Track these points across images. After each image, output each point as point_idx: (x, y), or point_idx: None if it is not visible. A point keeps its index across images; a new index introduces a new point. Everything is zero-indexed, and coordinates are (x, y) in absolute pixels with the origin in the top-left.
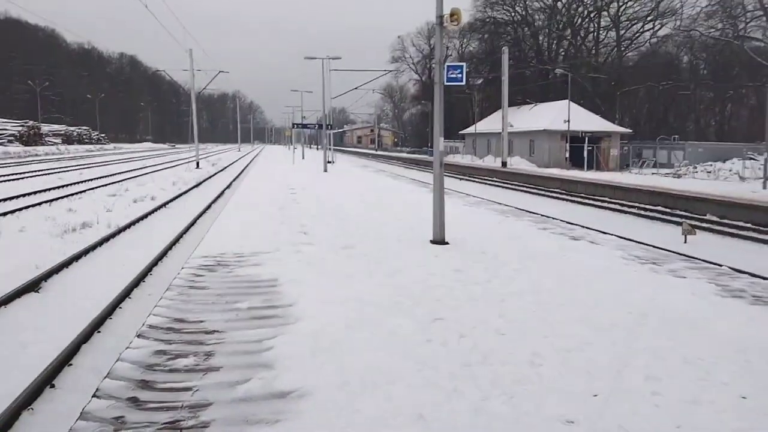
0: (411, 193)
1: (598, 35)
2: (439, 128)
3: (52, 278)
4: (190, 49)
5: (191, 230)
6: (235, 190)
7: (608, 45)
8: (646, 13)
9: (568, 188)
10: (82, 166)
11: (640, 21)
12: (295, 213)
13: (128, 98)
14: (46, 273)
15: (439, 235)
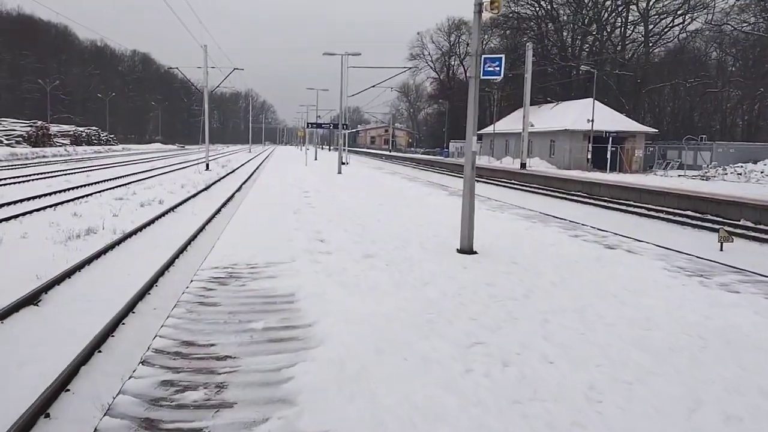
0: (430, 197)
1: (625, 30)
2: (473, 127)
3: (53, 290)
4: (205, 46)
5: (201, 236)
6: (246, 193)
7: (636, 41)
8: (677, 6)
9: (591, 191)
10: (89, 168)
11: (670, 15)
12: (311, 218)
13: (139, 97)
14: (46, 284)
15: (468, 244)
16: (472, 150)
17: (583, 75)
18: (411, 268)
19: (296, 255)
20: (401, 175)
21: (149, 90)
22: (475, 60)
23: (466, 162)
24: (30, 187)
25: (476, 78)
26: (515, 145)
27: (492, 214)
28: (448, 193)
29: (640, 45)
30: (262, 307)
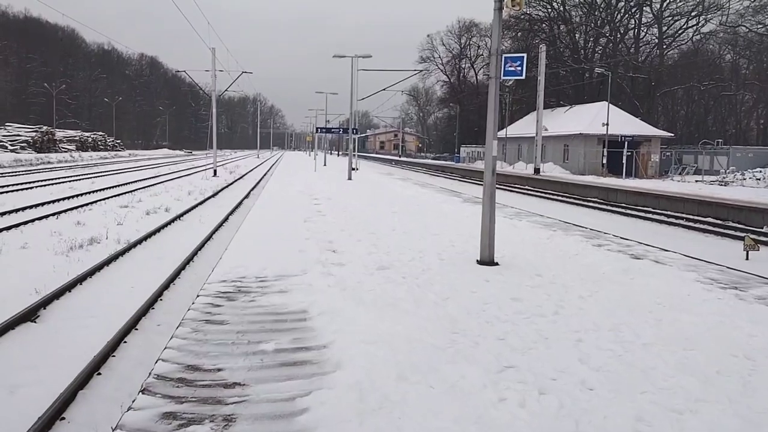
0: (444, 204)
1: (638, 32)
2: (494, 130)
3: (51, 305)
4: (213, 48)
5: (208, 245)
6: (254, 201)
7: (649, 43)
8: (691, 8)
9: (608, 197)
10: (94, 175)
11: (683, 17)
12: (322, 227)
13: (146, 102)
14: (45, 299)
15: (488, 255)
16: (492, 155)
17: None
18: (430, 282)
19: (308, 267)
20: (413, 181)
21: (156, 94)
22: (495, 59)
23: (486, 167)
24: (33, 194)
25: (496, 78)
26: (528, 150)
27: (510, 222)
28: (462, 200)
29: (653, 47)
30: (272, 326)
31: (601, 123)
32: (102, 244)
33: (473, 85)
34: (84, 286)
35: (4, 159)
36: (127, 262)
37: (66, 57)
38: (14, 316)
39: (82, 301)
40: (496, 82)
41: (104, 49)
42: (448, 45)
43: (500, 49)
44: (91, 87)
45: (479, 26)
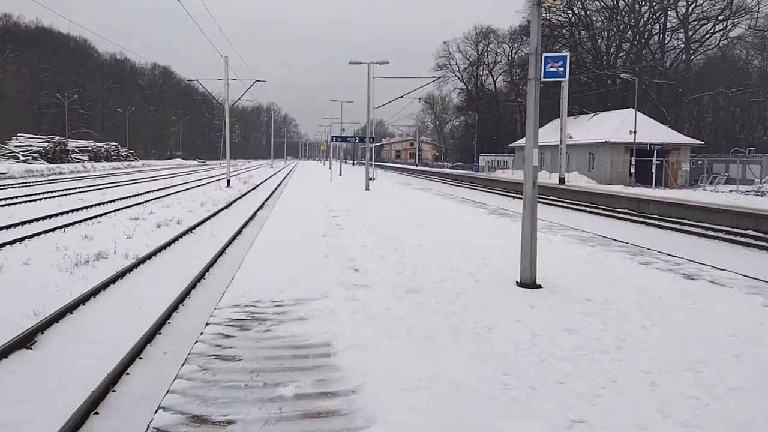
0: (469, 216)
1: (663, 37)
2: (534, 137)
3: (50, 329)
4: (226, 57)
5: (220, 261)
6: (269, 212)
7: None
8: (718, 12)
9: (638, 208)
10: (106, 186)
11: (710, 21)
12: (341, 242)
13: (159, 111)
14: (43, 322)
15: (530, 276)
16: (533, 164)
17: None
18: (467, 307)
19: (329, 289)
20: (433, 191)
21: (170, 104)
22: (535, 59)
23: (525, 179)
24: (41, 206)
25: (536, 80)
26: (551, 159)
27: (544, 237)
28: (488, 211)
29: (679, 52)
30: (292, 363)
31: (628, 131)
32: (109, 260)
33: (491, 92)
34: (87, 307)
35: (15, 170)
36: (134, 280)
37: (78, 67)
38: (8, 343)
39: (84, 324)
40: (536, 84)
41: (116, 59)
42: (464, 52)
43: (539, 48)
44: (103, 97)
45: (497, 32)
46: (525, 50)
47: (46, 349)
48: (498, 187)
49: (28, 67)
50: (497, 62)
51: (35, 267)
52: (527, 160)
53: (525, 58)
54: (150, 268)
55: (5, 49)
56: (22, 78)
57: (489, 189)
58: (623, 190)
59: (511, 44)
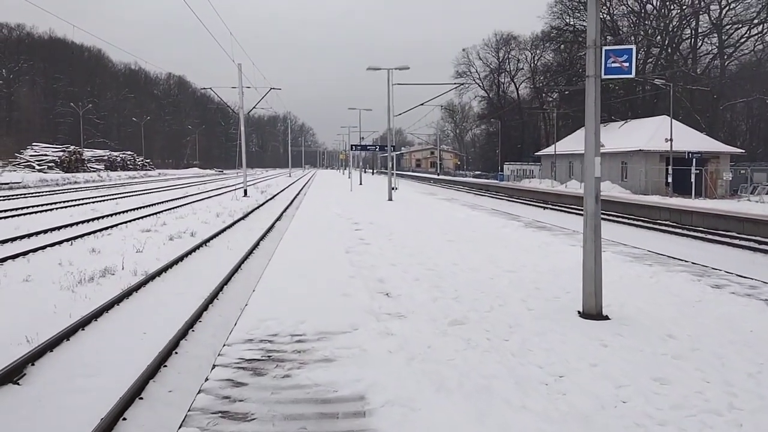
0: (504, 230)
1: (694, 42)
2: (595, 144)
3: (42, 359)
4: (239, 64)
5: (235, 279)
6: (288, 224)
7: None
8: (753, 15)
9: (680, 220)
10: (120, 195)
11: (745, 25)
12: (367, 259)
13: (175, 121)
14: (35, 351)
15: (594, 306)
16: (595, 175)
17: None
18: (526, 346)
19: (358, 319)
20: (459, 201)
21: (185, 113)
22: (595, 53)
23: (586, 192)
24: (50, 217)
25: (596, 77)
26: (581, 168)
27: None
28: (523, 224)
29: (712, 58)
30: (318, 426)
31: (663, 138)
32: (116, 276)
33: (514, 100)
34: (87, 333)
35: (29, 179)
36: (141, 300)
37: (93, 77)
38: None
39: (82, 353)
40: (596, 81)
41: (131, 69)
42: (485, 59)
43: (599, 40)
44: (119, 106)
45: (518, 39)
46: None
47: (35, 384)
48: (526, 196)
49: (42, 77)
50: (519, 69)
51: (35, 284)
52: (588, 170)
53: (548, 64)
54: (159, 286)
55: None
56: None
57: (517, 199)
58: (661, 201)
59: (533, 51)
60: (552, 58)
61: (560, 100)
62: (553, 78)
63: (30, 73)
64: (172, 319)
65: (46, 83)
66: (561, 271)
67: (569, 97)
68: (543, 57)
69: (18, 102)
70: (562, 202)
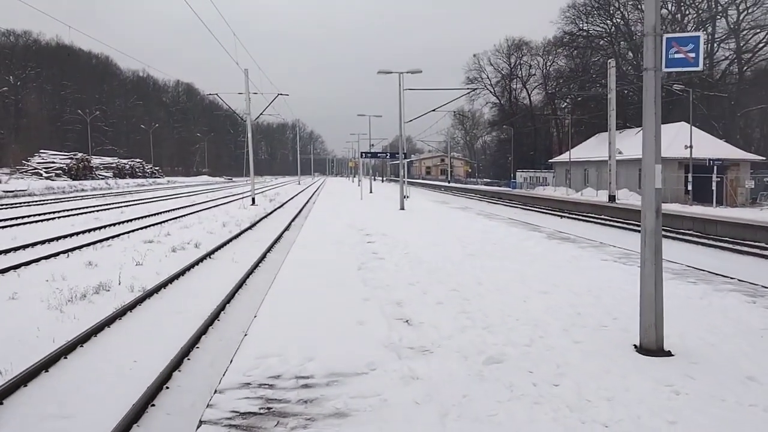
0: (527, 242)
1: (711, 47)
2: (656, 147)
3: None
4: (246, 70)
5: (239, 297)
6: (296, 234)
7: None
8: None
9: (705, 229)
10: (126, 203)
11: (764, 30)
12: (382, 278)
13: (184, 128)
14: (7, 386)
15: (655, 340)
16: (655, 186)
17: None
18: (582, 396)
19: (375, 356)
20: (474, 210)
21: (194, 121)
22: (654, 42)
23: (645, 205)
24: (50, 226)
25: (655, 70)
26: (596, 175)
27: (627, 269)
28: (545, 235)
29: (729, 63)
30: None
31: (682, 145)
32: (111, 293)
33: (526, 106)
34: (69, 362)
35: (35, 186)
36: (135, 320)
37: (101, 84)
38: None
39: (59, 387)
40: (656, 75)
41: (139, 76)
42: (496, 65)
43: (659, 26)
44: (127, 114)
45: (529, 45)
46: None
47: (6, 427)
48: (541, 204)
49: (50, 84)
50: (531, 75)
51: (21, 303)
52: (647, 180)
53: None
54: (156, 304)
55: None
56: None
57: (533, 207)
58: (682, 209)
59: (545, 56)
60: (565, 63)
61: (573, 106)
62: (566, 84)
63: (37, 80)
64: (167, 345)
65: (53, 90)
66: (600, 292)
67: (582, 104)
68: (555, 62)
69: (26, 109)
70: (579, 211)
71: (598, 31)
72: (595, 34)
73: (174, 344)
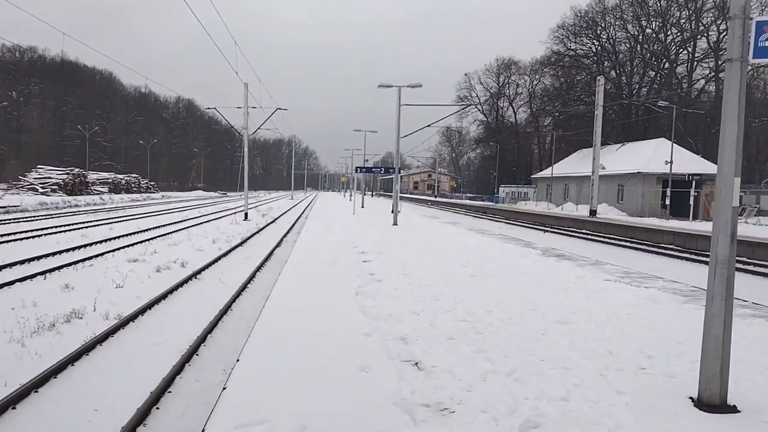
0: (524, 260)
1: (691, 66)
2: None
3: None
4: (246, 84)
5: (223, 326)
6: (288, 252)
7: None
8: None
9: (685, 244)
10: (117, 219)
11: None
12: (383, 305)
13: (182, 144)
14: None
15: (719, 392)
16: (732, 204)
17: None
18: None
19: (384, 423)
20: (464, 225)
21: (193, 137)
22: (743, 26)
23: (718, 228)
24: (33, 244)
25: (742, 61)
26: (576, 190)
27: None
28: (540, 252)
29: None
30: None
31: (662, 161)
32: (83, 321)
33: (510, 124)
34: (18, 412)
35: (28, 202)
36: (105, 355)
37: (102, 99)
38: None
39: None
40: (741, 66)
41: (141, 92)
42: (485, 84)
43: (749, 8)
44: (127, 129)
45: (518, 64)
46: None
47: None
48: (525, 219)
49: (53, 99)
50: (518, 93)
51: None
52: (723, 196)
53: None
54: (131, 335)
55: (30, 82)
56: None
57: (516, 221)
58: (661, 224)
59: (532, 75)
60: (550, 82)
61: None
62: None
63: (40, 96)
64: (137, 388)
65: (56, 106)
66: (619, 321)
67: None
68: (542, 81)
69: (27, 125)
70: (561, 225)
71: (585, 51)
72: (581, 53)
73: (144, 387)
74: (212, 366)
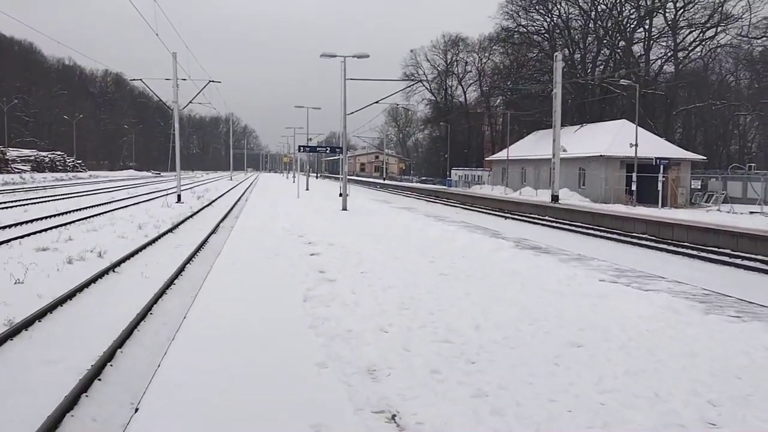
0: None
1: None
2: None
3: None
4: (174, 53)
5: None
6: (224, 237)
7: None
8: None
9: (659, 233)
10: (35, 200)
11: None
12: (339, 315)
13: (111, 120)
14: None
15: None
16: None
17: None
18: None
19: None
20: (419, 211)
21: (122, 113)
22: None
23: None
24: None
25: None
26: (535, 174)
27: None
28: (513, 244)
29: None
30: None
31: (626, 143)
32: None
33: (461, 104)
34: None
35: None
36: None
37: (22, 72)
38: None
39: None
40: None
41: (65, 65)
42: (432, 61)
43: None
44: (50, 104)
45: (466, 41)
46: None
47: None
48: (482, 204)
49: None
50: (467, 72)
51: None
52: None
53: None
54: (21, 348)
55: None
56: None
57: (474, 207)
58: (630, 211)
59: (481, 53)
60: (500, 60)
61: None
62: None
63: None
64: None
65: None
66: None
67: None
68: (491, 59)
69: None
70: (521, 211)
71: (536, 27)
72: (533, 30)
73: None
74: (117, 397)
